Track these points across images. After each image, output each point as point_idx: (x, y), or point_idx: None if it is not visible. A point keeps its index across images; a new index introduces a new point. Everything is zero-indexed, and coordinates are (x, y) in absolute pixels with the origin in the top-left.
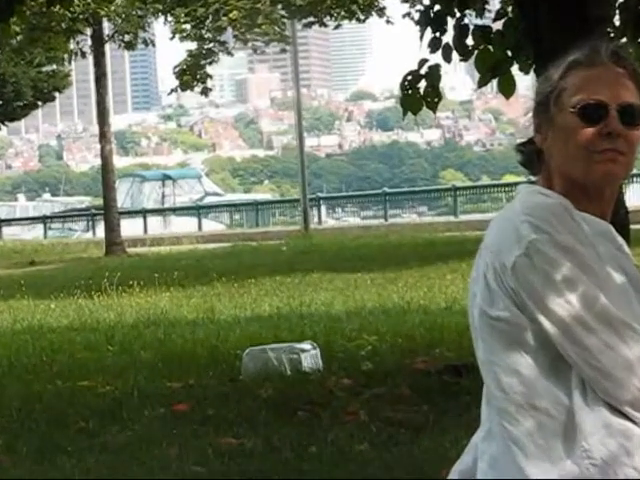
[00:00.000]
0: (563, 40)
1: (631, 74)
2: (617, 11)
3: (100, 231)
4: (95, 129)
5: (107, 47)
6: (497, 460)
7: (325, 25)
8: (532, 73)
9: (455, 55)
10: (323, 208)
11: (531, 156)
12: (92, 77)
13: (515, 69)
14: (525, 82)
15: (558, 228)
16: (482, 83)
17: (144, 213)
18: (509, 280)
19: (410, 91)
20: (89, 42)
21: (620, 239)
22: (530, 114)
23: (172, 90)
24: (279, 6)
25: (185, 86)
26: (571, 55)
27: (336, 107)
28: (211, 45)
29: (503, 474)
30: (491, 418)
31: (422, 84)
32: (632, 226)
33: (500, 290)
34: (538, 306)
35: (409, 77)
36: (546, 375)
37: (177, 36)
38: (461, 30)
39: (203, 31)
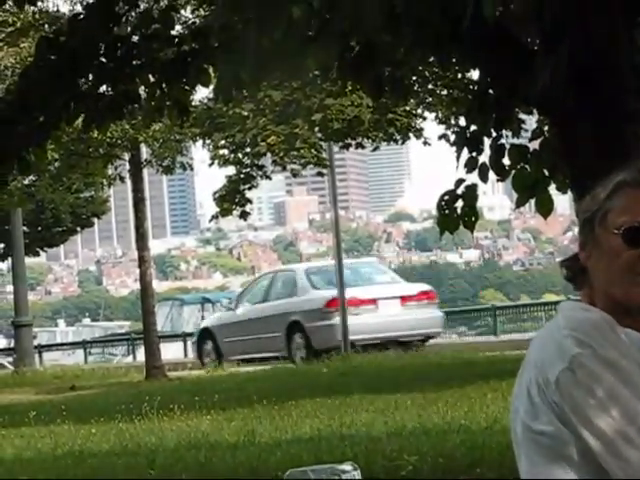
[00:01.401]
0: (600, 159)
1: None
2: None
3: (140, 355)
4: (134, 254)
5: (145, 172)
6: None
7: (362, 147)
8: (569, 192)
9: (492, 175)
10: None
11: (575, 272)
12: (130, 202)
13: (552, 188)
14: (563, 201)
15: (601, 342)
16: (520, 203)
17: (184, 337)
18: (552, 394)
19: (447, 211)
20: (127, 167)
21: None
22: (569, 233)
23: (213, 217)
24: (316, 129)
25: (225, 212)
26: (619, 175)
27: (375, 228)
28: (249, 170)
29: None
30: None
31: (459, 204)
32: None
33: (543, 404)
34: (581, 420)
35: (446, 197)
36: None
37: (216, 161)
38: (498, 150)
39: (241, 156)
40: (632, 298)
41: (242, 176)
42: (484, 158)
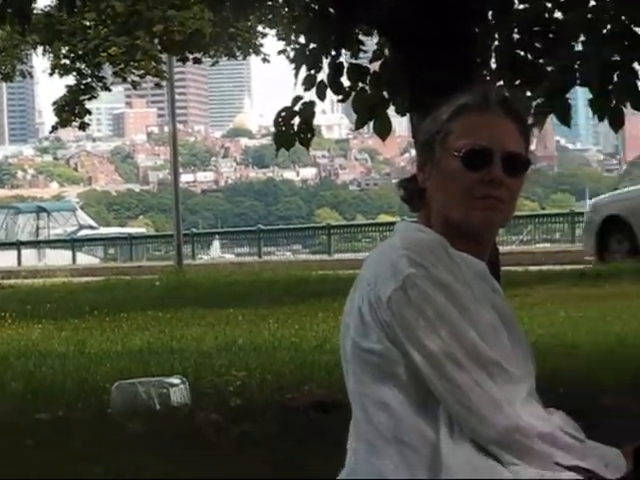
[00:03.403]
0: (438, 82)
1: (518, 123)
2: (493, 54)
3: None
4: None
5: None
6: None
7: (201, 61)
8: (408, 114)
9: (332, 95)
10: (197, 244)
11: (412, 193)
12: None
13: (391, 110)
14: (401, 123)
15: (435, 264)
16: (359, 124)
17: (18, 245)
18: (384, 313)
19: (284, 127)
20: None
21: (494, 280)
22: (407, 155)
23: (53, 128)
24: (157, 41)
25: (64, 122)
26: (461, 98)
27: (212, 143)
28: (89, 80)
29: None
30: (358, 451)
31: (296, 121)
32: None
33: (374, 323)
34: (410, 340)
35: (283, 114)
36: (415, 410)
37: (56, 71)
38: (336, 68)
39: (82, 66)
40: (471, 221)
41: (82, 86)
42: (323, 76)
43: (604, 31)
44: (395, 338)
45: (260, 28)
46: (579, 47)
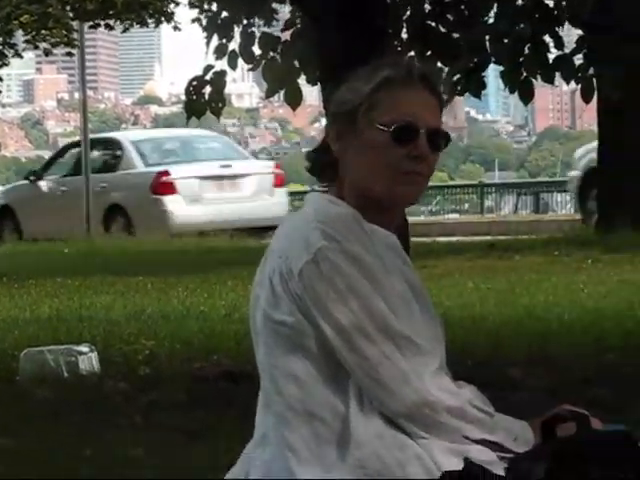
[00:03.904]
0: (349, 53)
1: (437, 97)
2: (404, 25)
3: None
4: None
5: None
6: (270, 467)
7: (112, 28)
8: (318, 84)
9: (244, 64)
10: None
11: (324, 164)
12: None
13: (302, 80)
14: (312, 92)
15: (347, 237)
16: (270, 93)
17: None
18: (295, 286)
19: (195, 96)
20: None
21: (405, 253)
22: (317, 124)
23: None
24: (69, 8)
25: None
26: (384, 70)
27: (123, 110)
28: (1, 47)
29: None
30: (267, 423)
31: (207, 90)
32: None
33: (285, 295)
34: (321, 313)
35: (194, 82)
36: (325, 383)
37: None
38: (247, 38)
39: None
40: (394, 195)
41: None
42: (234, 46)
43: (516, 4)
44: (306, 311)
45: None
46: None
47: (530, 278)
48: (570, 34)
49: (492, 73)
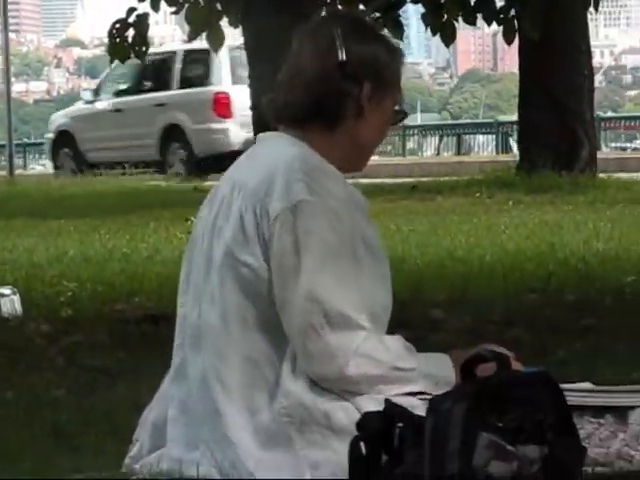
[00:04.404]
0: None
1: None
2: None
3: None
4: None
5: None
6: (186, 403)
7: None
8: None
9: (166, 7)
10: (29, 154)
11: (341, 107)
12: None
13: (224, 22)
14: (234, 34)
15: (331, 194)
16: (192, 36)
17: None
18: (265, 228)
19: (118, 39)
20: None
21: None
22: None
23: None
24: None
25: None
26: (386, 42)
27: (45, 53)
28: None
29: (195, 415)
30: (200, 349)
31: (130, 33)
32: None
33: (255, 237)
34: (277, 267)
35: (117, 25)
36: (268, 335)
37: None
38: None
39: None
40: (363, 166)
41: None
42: None
43: None
44: (268, 257)
45: None
46: None
47: (452, 220)
48: None
49: (414, 15)
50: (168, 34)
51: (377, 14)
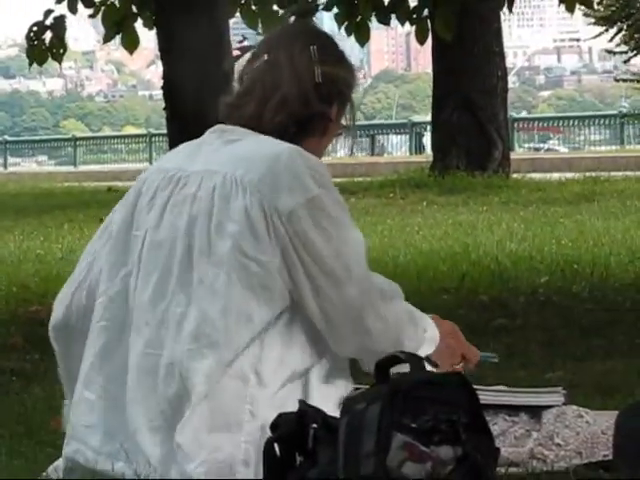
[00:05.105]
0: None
1: None
2: None
3: None
4: None
5: None
6: (107, 389)
7: None
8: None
9: (82, 8)
10: None
11: (313, 120)
12: None
13: (138, 24)
14: (147, 35)
15: (333, 187)
16: (107, 38)
17: None
18: (279, 224)
19: (36, 42)
20: None
21: None
22: (153, 67)
23: None
24: None
25: None
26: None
27: None
28: None
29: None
30: (136, 346)
31: (48, 35)
32: None
33: (267, 232)
34: (311, 255)
35: (35, 28)
36: (273, 323)
37: None
38: None
39: None
40: None
41: None
42: None
43: None
44: (287, 250)
45: None
46: None
47: (365, 220)
48: None
49: (327, 15)
50: (81, 34)
51: (293, 18)
